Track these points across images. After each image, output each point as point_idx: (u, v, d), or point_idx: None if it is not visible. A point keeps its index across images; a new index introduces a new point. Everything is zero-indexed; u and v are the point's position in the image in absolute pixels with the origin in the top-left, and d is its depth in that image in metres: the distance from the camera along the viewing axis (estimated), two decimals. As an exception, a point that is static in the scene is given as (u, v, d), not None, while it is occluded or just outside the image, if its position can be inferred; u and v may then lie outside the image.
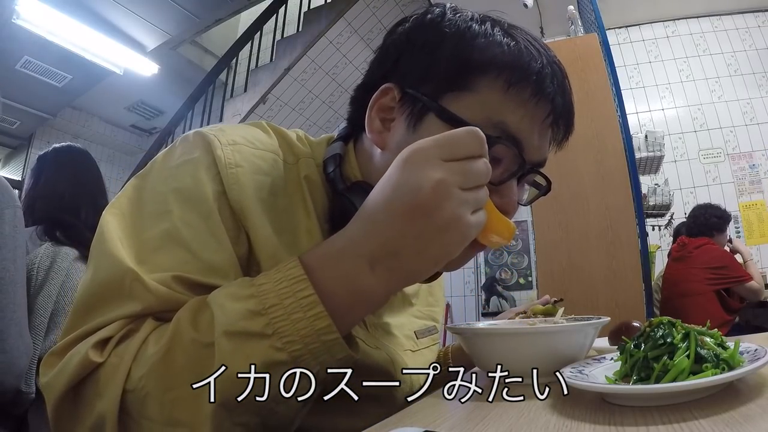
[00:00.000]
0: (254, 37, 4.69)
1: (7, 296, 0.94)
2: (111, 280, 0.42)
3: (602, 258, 2.27)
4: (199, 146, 0.48)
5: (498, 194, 0.49)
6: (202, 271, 0.43)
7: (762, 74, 3.95)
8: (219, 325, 0.36)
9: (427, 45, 0.50)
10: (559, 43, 2.80)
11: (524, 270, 4.04)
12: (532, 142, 0.50)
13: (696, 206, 2.91)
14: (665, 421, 0.35)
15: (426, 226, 0.38)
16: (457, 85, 0.49)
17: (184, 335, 0.37)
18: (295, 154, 0.54)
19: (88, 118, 5.56)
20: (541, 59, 0.50)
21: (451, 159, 0.38)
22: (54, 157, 1.40)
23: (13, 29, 3.76)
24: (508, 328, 0.58)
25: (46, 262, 1.17)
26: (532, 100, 0.48)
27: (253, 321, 0.36)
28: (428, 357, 0.70)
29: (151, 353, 0.37)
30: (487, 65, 0.48)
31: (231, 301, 0.38)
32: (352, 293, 0.39)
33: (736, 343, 0.43)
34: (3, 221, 0.96)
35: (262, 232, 0.47)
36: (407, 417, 0.46)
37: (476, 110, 0.48)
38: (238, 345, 0.36)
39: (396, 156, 0.45)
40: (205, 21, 4.82)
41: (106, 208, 0.47)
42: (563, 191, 2.41)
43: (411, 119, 0.50)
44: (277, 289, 0.38)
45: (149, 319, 0.41)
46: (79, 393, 0.39)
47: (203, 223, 0.44)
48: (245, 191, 0.47)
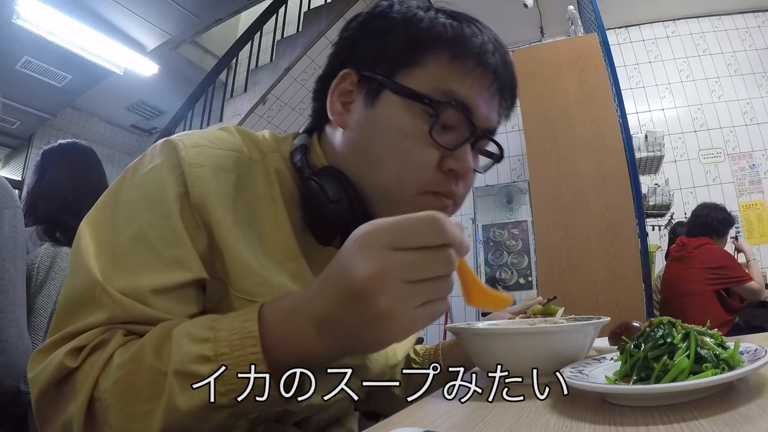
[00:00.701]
0: (254, 37, 4.70)
1: (7, 296, 0.94)
2: (84, 289, 0.46)
3: (602, 258, 2.27)
4: (165, 151, 0.52)
5: (453, 158, 0.53)
6: (165, 267, 0.47)
7: (762, 74, 3.95)
8: (173, 363, 0.40)
9: (379, 31, 0.56)
10: (559, 43, 2.80)
11: (524, 270, 4.04)
12: (480, 110, 0.54)
13: (700, 205, 2.87)
14: (665, 421, 0.35)
15: (362, 312, 0.37)
16: (408, 62, 0.53)
17: (145, 360, 0.41)
18: (260, 150, 0.58)
19: (88, 118, 5.56)
20: (482, 36, 0.55)
21: (402, 248, 0.37)
22: (58, 154, 1.39)
23: (13, 29, 3.75)
24: (508, 328, 0.58)
25: (47, 263, 1.17)
26: (476, 70, 0.53)
27: (202, 366, 0.39)
28: (409, 339, 0.73)
29: (115, 369, 0.41)
30: (433, 41, 0.53)
31: (188, 342, 0.40)
32: (297, 354, 0.41)
33: (736, 343, 0.43)
34: (3, 221, 0.96)
35: (224, 225, 0.50)
36: (407, 417, 0.46)
37: (426, 82, 0.53)
38: (186, 384, 0.39)
39: (358, 134, 0.55)
40: (205, 21, 4.82)
41: (84, 217, 0.51)
42: (563, 191, 2.41)
43: (368, 97, 0.54)
44: (231, 340, 0.40)
45: (119, 333, 0.45)
46: (59, 390, 0.43)
47: (164, 222, 0.48)
48: (207, 187, 0.50)
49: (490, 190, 4.32)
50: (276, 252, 0.54)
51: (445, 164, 0.53)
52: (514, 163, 4.33)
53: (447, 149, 0.53)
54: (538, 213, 2.50)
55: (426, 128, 0.52)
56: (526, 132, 2.59)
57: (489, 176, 4.39)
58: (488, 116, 0.56)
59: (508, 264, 4.07)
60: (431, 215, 0.38)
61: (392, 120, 0.53)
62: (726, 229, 2.78)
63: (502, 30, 2.75)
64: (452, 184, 0.54)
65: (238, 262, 0.50)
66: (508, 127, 4.41)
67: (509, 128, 4.42)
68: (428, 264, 0.37)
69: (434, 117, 0.52)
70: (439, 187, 0.54)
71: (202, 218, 0.49)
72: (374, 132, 0.54)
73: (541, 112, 2.54)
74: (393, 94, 0.53)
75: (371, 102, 0.54)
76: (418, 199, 0.53)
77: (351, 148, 0.56)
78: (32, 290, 1.13)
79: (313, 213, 0.54)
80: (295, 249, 0.55)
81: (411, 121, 0.52)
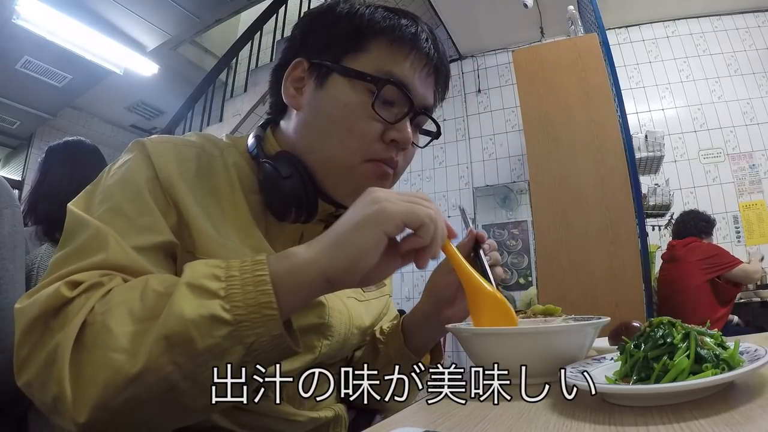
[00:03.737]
0: (254, 37, 4.70)
1: (6, 296, 0.94)
2: (88, 238, 0.50)
3: (602, 258, 2.27)
4: (136, 148, 0.60)
5: (395, 130, 0.60)
6: (141, 232, 0.52)
7: (762, 74, 3.95)
8: (184, 278, 0.43)
9: (326, 24, 0.63)
10: (559, 43, 2.80)
11: (524, 270, 4.04)
12: (417, 88, 0.62)
13: (683, 212, 3.06)
14: (665, 421, 0.35)
15: (360, 204, 0.47)
16: (352, 49, 0.61)
17: (149, 286, 0.44)
18: (219, 148, 0.65)
19: (88, 118, 5.56)
20: (416, 26, 0.62)
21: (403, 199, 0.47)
22: (63, 152, 1.39)
23: (13, 29, 3.76)
24: (508, 328, 0.58)
25: (47, 263, 1.17)
26: (411, 53, 0.61)
27: (213, 282, 0.43)
28: (376, 306, 0.78)
29: (114, 295, 0.44)
30: (373, 29, 0.61)
31: (202, 265, 0.45)
32: (295, 276, 0.45)
33: (736, 343, 0.43)
34: (2, 221, 0.96)
35: (188, 201, 0.56)
36: (407, 417, 0.46)
37: (368, 65, 0.60)
38: (195, 295, 0.42)
39: (308, 113, 0.62)
40: (205, 21, 4.82)
41: (70, 202, 0.57)
42: (563, 191, 2.41)
43: (318, 81, 0.61)
44: (240, 266, 0.44)
45: (118, 277, 0.48)
46: (47, 323, 0.44)
47: (138, 196, 0.54)
48: (173, 172, 0.57)
49: (490, 190, 4.33)
50: (236, 231, 0.59)
51: (388, 135, 0.60)
52: (514, 163, 4.33)
53: (389, 122, 0.60)
54: (538, 213, 2.50)
55: (369, 102, 0.58)
56: (526, 132, 2.58)
57: (489, 176, 4.40)
58: (424, 95, 0.63)
59: (508, 264, 4.07)
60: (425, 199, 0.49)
61: (339, 97, 0.60)
62: (711, 227, 2.92)
63: (502, 30, 2.80)
64: (393, 153, 0.61)
65: (201, 232, 0.55)
66: (508, 127, 4.44)
67: (509, 128, 4.44)
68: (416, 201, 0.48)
69: (376, 93, 0.59)
70: (380, 155, 0.60)
71: (171, 197, 0.56)
72: (323, 109, 0.61)
73: (541, 112, 2.54)
74: (339, 75, 0.60)
75: (321, 84, 0.61)
76: (362, 167, 0.60)
77: (303, 126, 0.63)
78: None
79: (270, 191, 0.61)
80: (253, 230, 0.60)
81: (355, 97, 0.59)
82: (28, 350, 0.44)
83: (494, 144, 4.46)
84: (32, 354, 0.43)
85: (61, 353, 0.41)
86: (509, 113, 4.44)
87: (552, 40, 3.44)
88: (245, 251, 0.57)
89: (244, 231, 0.59)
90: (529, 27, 4.17)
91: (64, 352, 0.41)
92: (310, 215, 0.62)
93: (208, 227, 0.56)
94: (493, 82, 4.59)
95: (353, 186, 0.60)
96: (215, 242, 0.55)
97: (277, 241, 0.62)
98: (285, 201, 0.60)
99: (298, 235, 0.66)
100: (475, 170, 4.45)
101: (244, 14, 5.17)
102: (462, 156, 4.52)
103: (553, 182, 2.43)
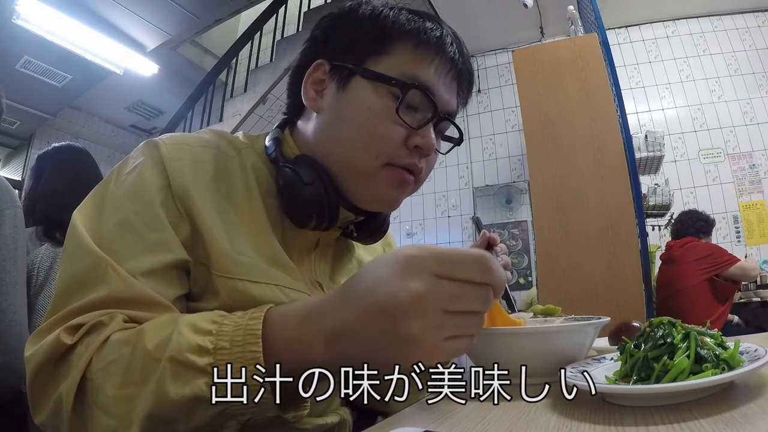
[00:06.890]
0: (254, 37, 4.69)
1: (7, 297, 0.94)
2: (88, 266, 0.48)
3: (602, 258, 2.27)
4: (147, 150, 0.56)
5: (419, 136, 0.58)
6: (150, 249, 0.49)
7: (762, 74, 3.95)
8: (169, 349, 0.40)
9: (349, 26, 0.61)
10: (559, 43, 2.80)
11: (524, 270, 4.04)
12: (441, 93, 0.60)
13: (682, 212, 3.06)
14: (665, 421, 0.35)
15: (388, 331, 0.36)
16: (376, 51, 0.59)
17: (142, 345, 0.41)
18: (236, 148, 0.63)
19: (88, 118, 5.56)
20: (441, 29, 0.60)
21: (447, 277, 0.37)
22: (54, 156, 1.40)
23: (13, 29, 3.76)
24: (508, 328, 0.58)
25: (47, 263, 1.17)
26: (436, 57, 0.59)
27: (199, 357, 0.39)
28: None
29: (109, 351, 0.42)
30: (397, 32, 0.59)
31: (190, 331, 0.41)
32: (298, 361, 0.40)
33: (735, 343, 0.43)
34: (3, 222, 0.96)
35: (204, 210, 0.53)
36: (407, 417, 0.46)
37: (392, 68, 0.58)
38: (179, 372, 0.39)
39: (329, 116, 0.59)
40: (205, 21, 4.82)
41: (76, 210, 0.54)
42: (563, 191, 2.41)
43: (340, 83, 0.59)
44: (233, 335, 0.40)
45: (118, 317, 0.45)
46: (55, 369, 0.44)
47: (147, 209, 0.52)
48: (188, 177, 0.54)
49: (490, 190, 4.33)
50: (251, 237, 0.56)
51: (411, 141, 0.58)
52: (514, 163, 4.33)
53: (412, 128, 0.57)
54: (538, 213, 2.50)
55: (393, 107, 0.56)
56: (526, 132, 2.58)
57: (489, 176, 4.40)
58: (448, 100, 0.61)
59: (508, 264, 4.06)
60: (481, 253, 0.39)
61: (361, 100, 0.57)
62: (710, 227, 2.92)
63: (502, 30, 2.81)
64: (416, 159, 0.59)
65: (216, 246, 0.53)
66: (508, 127, 4.43)
67: (509, 128, 4.44)
68: (468, 297, 0.38)
69: (400, 97, 0.56)
70: (403, 161, 0.58)
71: (184, 207, 0.53)
72: (345, 112, 0.58)
73: (541, 112, 2.54)
74: (362, 78, 0.58)
75: (342, 87, 0.59)
76: (383, 172, 0.58)
77: (322, 129, 0.61)
78: (32, 291, 1.13)
79: (290, 197, 0.58)
80: (269, 235, 0.58)
81: (379, 101, 0.57)
82: (38, 395, 0.45)
83: (494, 144, 4.46)
84: (42, 399, 0.44)
85: (66, 405, 0.42)
86: (509, 113, 4.44)
87: (552, 40, 3.44)
88: (260, 265, 0.55)
89: (260, 237, 0.57)
90: (529, 27, 4.17)
91: (67, 405, 0.42)
92: (331, 223, 0.59)
93: (223, 240, 0.53)
94: (493, 82, 4.59)
95: (373, 192, 0.59)
96: (230, 257, 0.53)
97: (293, 247, 0.60)
98: (306, 208, 0.57)
99: (315, 241, 0.64)
100: (475, 170, 4.45)
101: (244, 14, 5.16)
102: (462, 156, 4.52)
103: (553, 182, 2.43)
